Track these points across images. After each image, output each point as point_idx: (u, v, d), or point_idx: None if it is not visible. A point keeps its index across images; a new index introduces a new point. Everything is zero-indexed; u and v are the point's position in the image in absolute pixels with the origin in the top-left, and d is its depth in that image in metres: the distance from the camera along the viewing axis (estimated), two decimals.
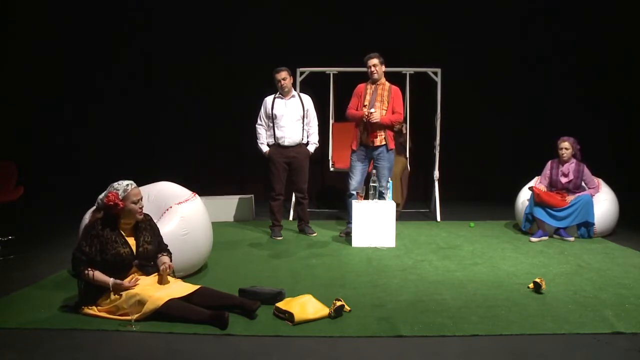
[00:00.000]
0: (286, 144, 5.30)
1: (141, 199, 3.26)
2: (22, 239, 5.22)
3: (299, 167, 5.36)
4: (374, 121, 4.96)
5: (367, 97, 5.13)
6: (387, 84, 5.17)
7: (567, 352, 2.62)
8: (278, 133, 5.28)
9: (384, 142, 5.12)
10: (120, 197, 3.16)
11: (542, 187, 5.36)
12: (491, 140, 7.79)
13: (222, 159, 8.02)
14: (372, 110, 4.97)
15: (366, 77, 5.21)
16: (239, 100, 7.76)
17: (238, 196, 6.67)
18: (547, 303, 3.29)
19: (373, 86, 5.14)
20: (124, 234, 3.21)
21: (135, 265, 3.20)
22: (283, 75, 5.25)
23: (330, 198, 7.49)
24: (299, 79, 6.54)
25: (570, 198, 5.23)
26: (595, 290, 3.56)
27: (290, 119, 5.29)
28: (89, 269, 3.07)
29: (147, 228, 3.32)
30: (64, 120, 7.57)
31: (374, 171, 5.13)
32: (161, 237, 3.45)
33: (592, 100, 7.44)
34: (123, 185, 3.21)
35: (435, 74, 6.47)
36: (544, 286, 3.49)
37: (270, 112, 5.29)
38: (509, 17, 7.59)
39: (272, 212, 5.44)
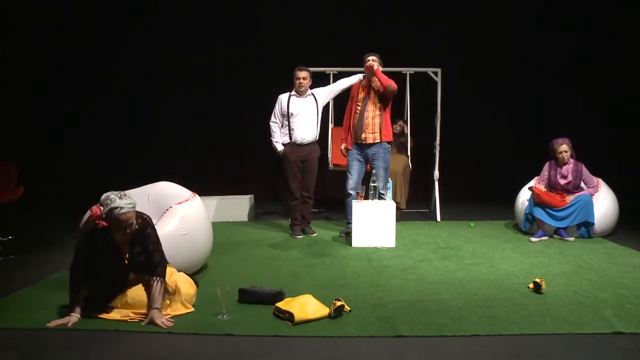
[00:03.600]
0: (301, 142, 5.33)
1: (131, 224, 2.91)
2: (22, 239, 5.22)
3: (310, 166, 5.43)
4: (374, 68, 4.96)
5: (360, 96, 5.14)
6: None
7: (567, 352, 2.62)
8: (294, 131, 5.30)
9: (377, 140, 5.11)
10: (103, 215, 2.89)
11: (542, 187, 5.35)
12: (491, 141, 7.78)
13: (222, 159, 8.02)
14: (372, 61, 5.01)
15: None
16: (239, 100, 7.77)
17: (238, 196, 6.67)
18: (547, 303, 3.28)
19: (367, 85, 5.13)
20: (115, 244, 3.00)
21: (132, 278, 3.04)
22: (304, 75, 5.30)
23: (330, 198, 7.49)
24: None
25: (570, 198, 5.22)
26: (595, 290, 3.55)
27: (306, 117, 5.34)
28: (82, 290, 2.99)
29: (139, 240, 3.04)
30: (64, 120, 7.56)
31: (374, 171, 5.13)
32: (155, 248, 3.07)
33: (592, 100, 7.43)
34: (112, 205, 2.84)
35: (435, 74, 6.46)
36: (544, 286, 3.48)
37: (286, 109, 5.30)
38: (509, 17, 7.58)
39: (292, 211, 5.49)
